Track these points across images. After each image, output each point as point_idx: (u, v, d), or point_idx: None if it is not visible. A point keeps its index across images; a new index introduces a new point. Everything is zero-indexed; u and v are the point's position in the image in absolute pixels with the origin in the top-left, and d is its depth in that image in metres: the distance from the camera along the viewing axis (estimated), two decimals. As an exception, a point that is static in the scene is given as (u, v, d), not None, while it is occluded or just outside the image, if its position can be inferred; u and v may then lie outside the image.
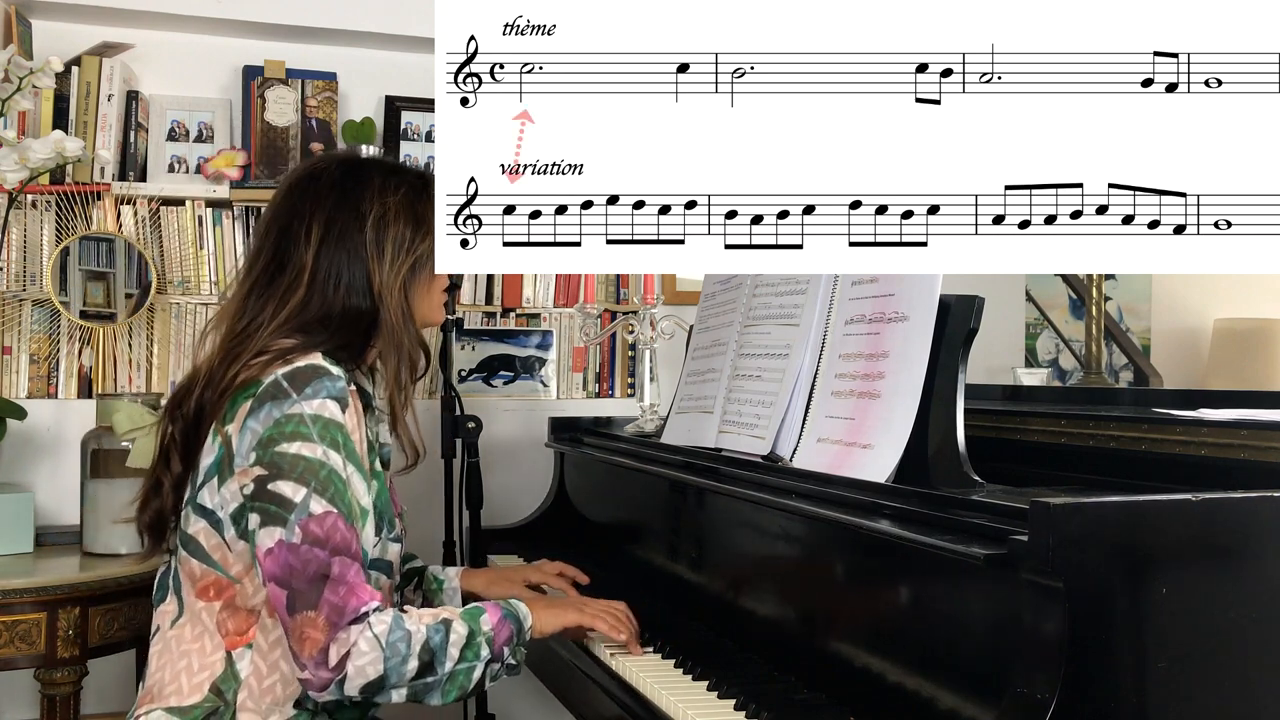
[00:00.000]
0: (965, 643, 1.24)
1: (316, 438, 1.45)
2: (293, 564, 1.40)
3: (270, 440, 1.44)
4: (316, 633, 1.38)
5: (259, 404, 1.46)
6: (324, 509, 1.42)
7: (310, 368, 1.48)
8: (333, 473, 1.44)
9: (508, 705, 2.84)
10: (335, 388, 1.49)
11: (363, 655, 1.39)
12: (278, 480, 1.42)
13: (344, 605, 1.39)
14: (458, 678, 1.47)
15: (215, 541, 1.51)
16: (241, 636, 1.51)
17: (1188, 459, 1.48)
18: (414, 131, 2.99)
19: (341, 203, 1.61)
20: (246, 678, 1.49)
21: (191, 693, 1.50)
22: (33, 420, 2.58)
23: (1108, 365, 3.73)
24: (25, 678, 2.40)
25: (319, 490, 1.42)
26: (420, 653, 1.43)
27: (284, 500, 1.42)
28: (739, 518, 1.73)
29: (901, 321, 1.53)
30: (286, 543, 1.40)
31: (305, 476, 1.43)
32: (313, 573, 1.40)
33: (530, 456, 2.94)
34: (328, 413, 1.47)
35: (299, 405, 1.45)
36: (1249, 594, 1.13)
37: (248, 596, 1.51)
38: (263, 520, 1.43)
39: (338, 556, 1.41)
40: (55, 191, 2.65)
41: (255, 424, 1.46)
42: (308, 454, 1.44)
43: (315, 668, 1.39)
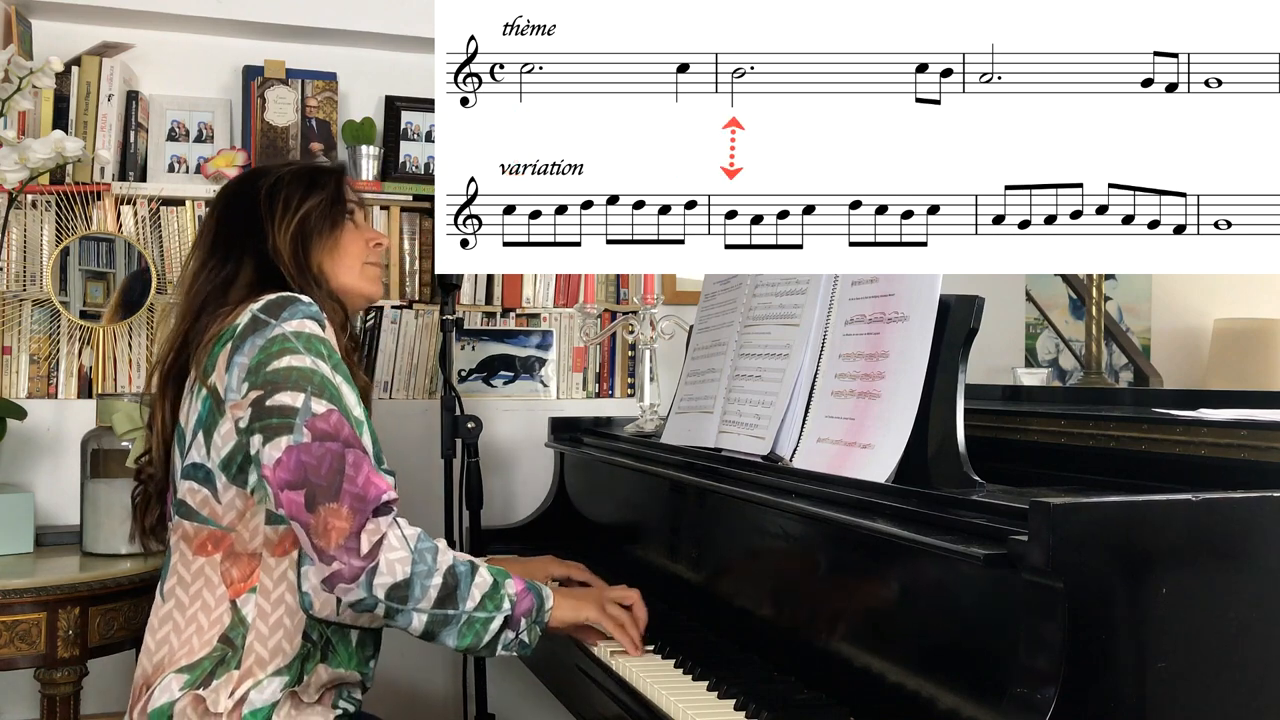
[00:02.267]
0: (965, 643, 1.24)
1: (303, 349, 1.50)
2: (306, 462, 1.42)
3: (259, 365, 1.48)
4: (341, 522, 1.40)
5: (241, 339, 1.51)
6: (326, 408, 1.46)
7: (281, 297, 1.54)
8: (325, 378, 1.49)
9: (508, 705, 2.84)
10: (310, 309, 1.55)
11: (393, 550, 1.42)
12: (275, 394, 1.46)
13: (365, 493, 1.42)
14: (475, 624, 1.49)
15: (202, 497, 1.54)
16: (245, 582, 1.53)
17: (1188, 459, 1.48)
18: (414, 131, 2.99)
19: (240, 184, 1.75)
20: (254, 620, 1.52)
21: (202, 647, 1.53)
22: (33, 420, 2.58)
23: (1108, 365, 3.74)
24: (25, 678, 2.40)
25: (316, 393, 1.46)
26: (446, 575, 1.46)
27: (285, 409, 1.45)
28: (739, 518, 1.73)
29: (901, 321, 1.53)
30: (296, 445, 1.43)
31: (300, 383, 1.47)
32: (329, 466, 1.42)
33: (530, 456, 2.94)
34: (308, 329, 1.52)
35: (279, 327, 1.51)
36: (1249, 594, 1.13)
37: (245, 541, 1.53)
38: (265, 436, 1.45)
39: (350, 449, 1.44)
40: (55, 191, 2.65)
41: (241, 358, 1.50)
42: (298, 364, 1.48)
43: (346, 555, 1.40)
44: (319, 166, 1.78)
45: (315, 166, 1.78)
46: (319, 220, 1.70)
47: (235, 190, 1.76)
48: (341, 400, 1.49)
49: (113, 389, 2.70)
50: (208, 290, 1.64)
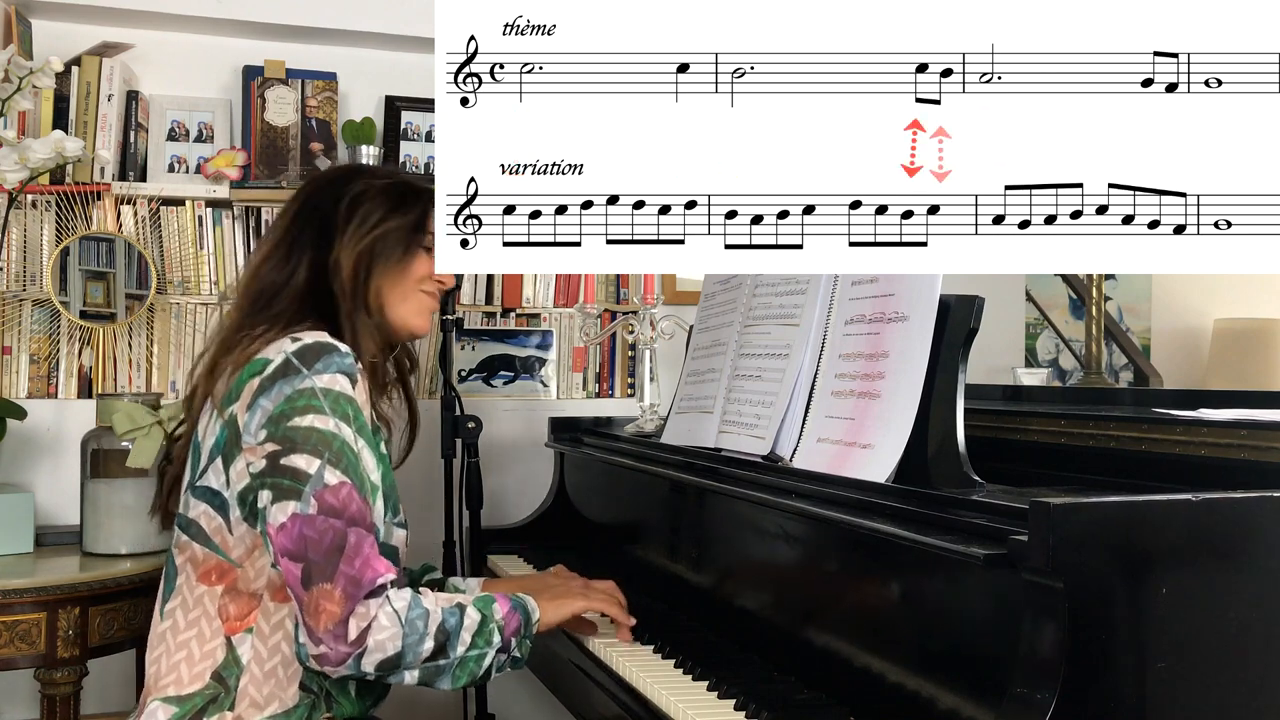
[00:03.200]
0: (965, 643, 1.24)
1: (329, 410, 1.45)
2: (308, 535, 1.39)
3: (282, 416, 1.44)
4: (333, 605, 1.37)
5: (270, 382, 1.47)
6: (338, 479, 1.42)
7: (319, 344, 1.49)
8: (345, 445, 1.45)
9: (508, 705, 2.84)
10: (345, 363, 1.50)
11: (383, 630, 1.39)
12: (291, 454, 1.42)
13: (360, 577, 1.39)
14: (468, 663, 1.47)
15: (216, 524, 1.51)
16: (242, 621, 1.50)
17: (1188, 459, 1.48)
18: (414, 131, 2.99)
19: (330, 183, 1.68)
20: (248, 663, 1.49)
21: (192, 681, 1.49)
22: (33, 420, 2.58)
23: (1108, 365, 3.74)
24: (25, 678, 2.40)
25: (333, 461, 1.43)
26: (436, 633, 1.44)
27: (298, 473, 1.42)
28: (739, 518, 1.73)
29: (901, 321, 1.53)
30: (301, 515, 1.40)
31: (319, 448, 1.43)
32: (329, 544, 1.39)
33: (530, 456, 2.94)
34: (339, 386, 1.47)
35: (309, 380, 1.46)
36: (1249, 594, 1.13)
37: (249, 580, 1.50)
38: (275, 496, 1.42)
39: (353, 527, 1.41)
40: (55, 191, 2.65)
41: (266, 401, 1.46)
42: (320, 426, 1.44)
43: (334, 641, 1.38)
44: (414, 186, 1.70)
45: (410, 184, 1.70)
46: (394, 244, 1.64)
47: (323, 185, 1.69)
48: (358, 469, 1.45)
49: (113, 389, 2.70)
50: (259, 288, 1.60)
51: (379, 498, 1.52)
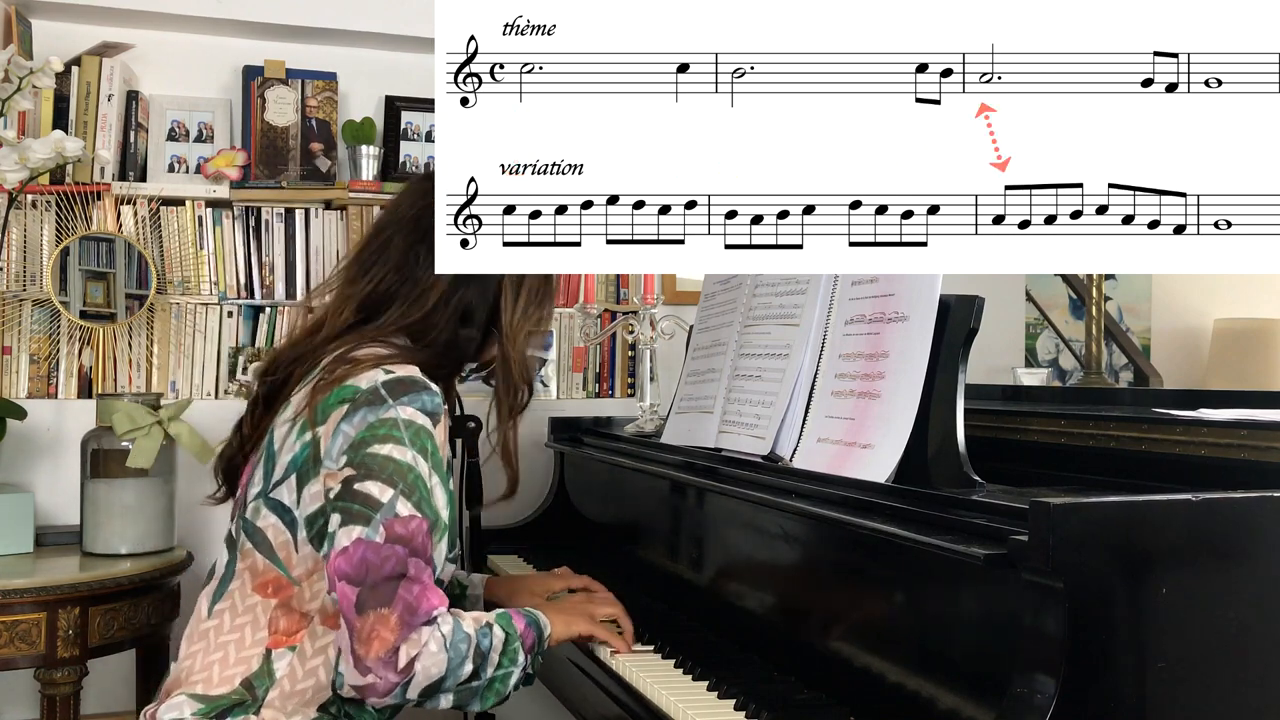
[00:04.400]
0: (965, 643, 1.24)
1: (408, 442, 1.44)
2: (370, 560, 1.38)
3: (362, 442, 1.43)
4: (388, 632, 1.36)
5: (355, 409, 1.45)
6: (410, 512, 1.41)
7: (410, 379, 1.48)
8: (419, 478, 1.43)
9: (508, 705, 2.84)
10: (432, 402, 1.49)
11: (430, 655, 1.39)
12: (366, 480, 1.41)
13: (418, 606, 1.38)
14: (495, 684, 1.48)
15: (284, 539, 1.50)
16: (289, 637, 1.50)
17: (1188, 459, 1.48)
18: (414, 131, 2.99)
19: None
20: (281, 678, 1.48)
21: (221, 684, 1.49)
22: (33, 420, 2.57)
23: (1108, 365, 3.74)
24: (25, 678, 2.40)
25: (406, 493, 1.41)
26: (474, 655, 1.44)
27: (370, 499, 1.40)
28: (739, 518, 1.73)
29: (901, 321, 1.53)
30: (367, 540, 1.38)
31: (394, 478, 1.41)
32: (390, 570, 1.38)
33: (530, 456, 2.93)
34: (420, 420, 1.46)
35: (393, 410, 1.45)
36: (1249, 594, 1.13)
37: (304, 600, 1.50)
38: (344, 519, 1.41)
39: (415, 558, 1.40)
40: (55, 191, 2.65)
41: (349, 428, 1.45)
42: (398, 456, 1.42)
43: (384, 669, 1.36)
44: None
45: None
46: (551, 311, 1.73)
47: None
48: (430, 503, 1.44)
49: (113, 389, 2.70)
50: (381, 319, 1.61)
51: (445, 538, 1.51)
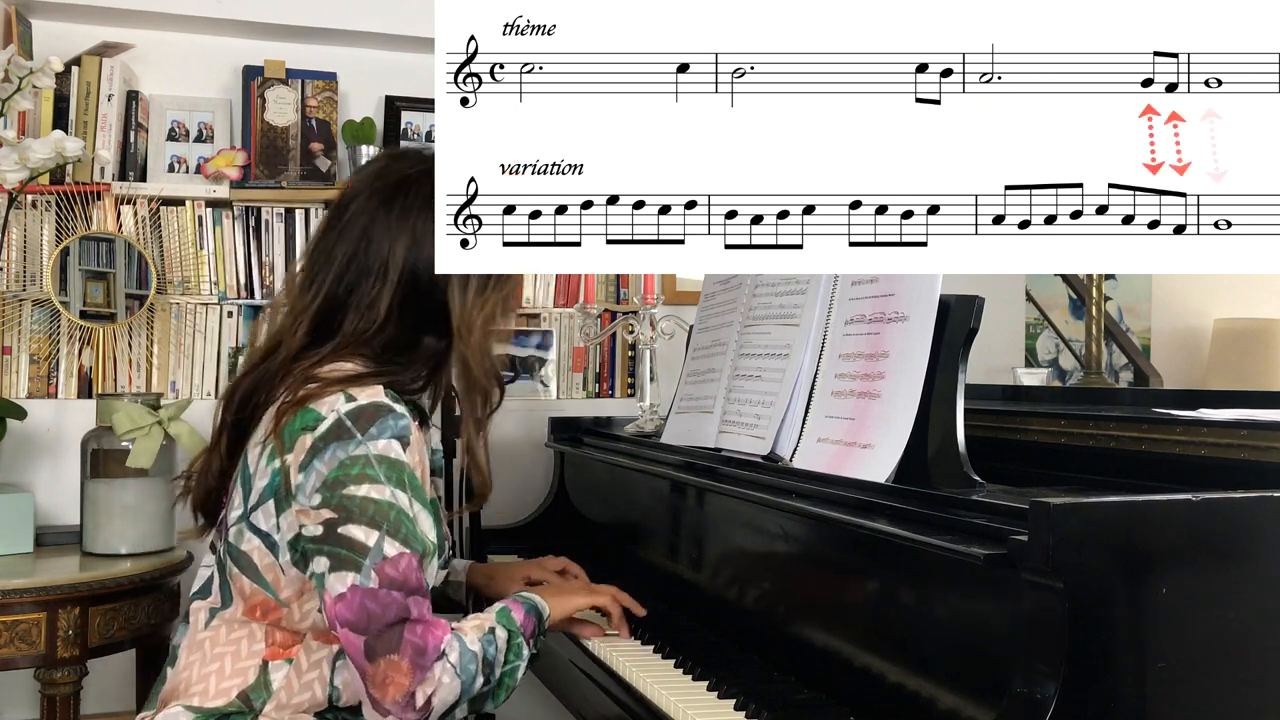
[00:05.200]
0: (965, 643, 1.24)
1: (384, 479, 1.42)
2: (370, 609, 1.37)
3: (337, 482, 1.41)
4: (401, 677, 1.36)
5: (324, 443, 1.43)
6: (398, 551, 1.39)
7: (374, 406, 1.45)
8: (402, 513, 1.42)
9: (508, 705, 2.84)
10: (399, 426, 1.46)
11: (445, 688, 1.40)
12: (348, 524, 1.40)
13: (425, 645, 1.38)
14: (505, 680, 1.49)
15: (269, 562, 1.48)
16: (285, 650, 1.50)
17: (1188, 459, 1.48)
18: (414, 131, 2.99)
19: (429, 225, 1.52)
20: (278, 690, 1.48)
21: (218, 695, 1.48)
22: (33, 420, 2.57)
23: (1108, 365, 3.74)
24: (25, 678, 2.40)
25: (391, 533, 1.40)
26: (483, 668, 1.45)
27: (356, 544, 1.39)
28: (739, 518, 1.73)
29: (901, 321, 1.53)
30: (362, 588, 1.37)
31: (377, 519, 1.40)
32: (393, 616, 1.37)
33: (530, 456, 2.94)
34: (393, 453, 1.44)
35: (364, 446, 1.42)
36: (1249, 594, 1.13)
37: (294, 621, 1.49)
38: (333, 565, 1.39)
39: (413, 597, 1.39)
40: (55, 191, 2.65)
41: (320, 465, 1.42)
42: (376, 496, 1.41)
43: (401, 710, 1.37)
44: None
45: None
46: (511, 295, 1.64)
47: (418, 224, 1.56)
48: (415, 534, 1.42)
49: (113, 389, 2.70)
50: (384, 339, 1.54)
51: (437, 555, 1.51)
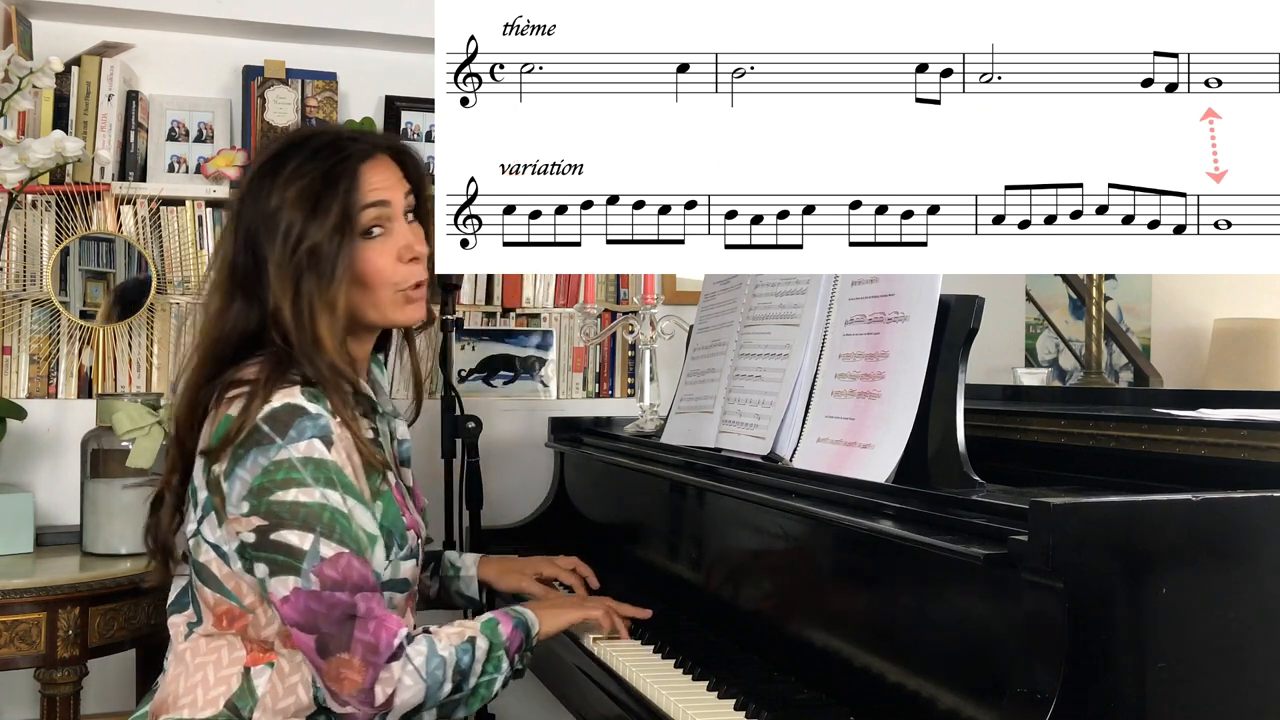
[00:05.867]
0: (965, 643, 1.24)
1: (311, 480, 1.40)
2: (315, 609, 1.38)
3: (262, 489, 1.40)
4: (354, 674, 1.37)
5: (244, 450, 1.41)
6: (335, 551, 1.39)
7: (288, 408, 1.42)
8: (335, 512, 1.41)
9: (508, 705, 2.84)
10: (317, 426, 1.43)
11: (407, 689, 1.40)
12: (280, 529, 1.39)
13: (377, 642, 1.38)
14: (480, 690, 1.49)
15: (226, 571, 1.48)
16: (265, 654, 1.49)
17: (1188, 459, 1.48)
18: (414, 131, 2.99)
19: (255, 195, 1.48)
20: (263, 696, 1.47)
21: (206, 706, 1.48)
22: (33, 420, 2.57)
23: (1108, 365, 3.73)
24: (25, 678, 2.40)
25: (326, 534, 1.39)
26: (453, 675, 1.45)
27: (292, 549, 1.39)
28: (739, 518, 1.73)
29: (901, 321, 1.53)
30: (305, 590, 1.38)
31: (309, 522, 1.39)
32: (339, 615, 1.38)
33: (530, 456, 2.94)
34: (316, 453, 1.42)
35: (285, 450, 1.40)
36: (1249, 594, 1.13)
37: (260, 627, 1.48)
38: (273, 570, 1.40)
39: (359, 594, 1.39)
40: (55, 191, 2.65)
41: (243, 472, 1.41)
42: (305, 499, 1.40)
43: (360, 704, 1.38)
44: (328, 169, 1.46)
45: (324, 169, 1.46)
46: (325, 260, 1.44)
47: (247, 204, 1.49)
48: (351, 531, 1.41)
49: (113, 389, 2.70)
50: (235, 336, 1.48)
51: (379, 546, 1.49)
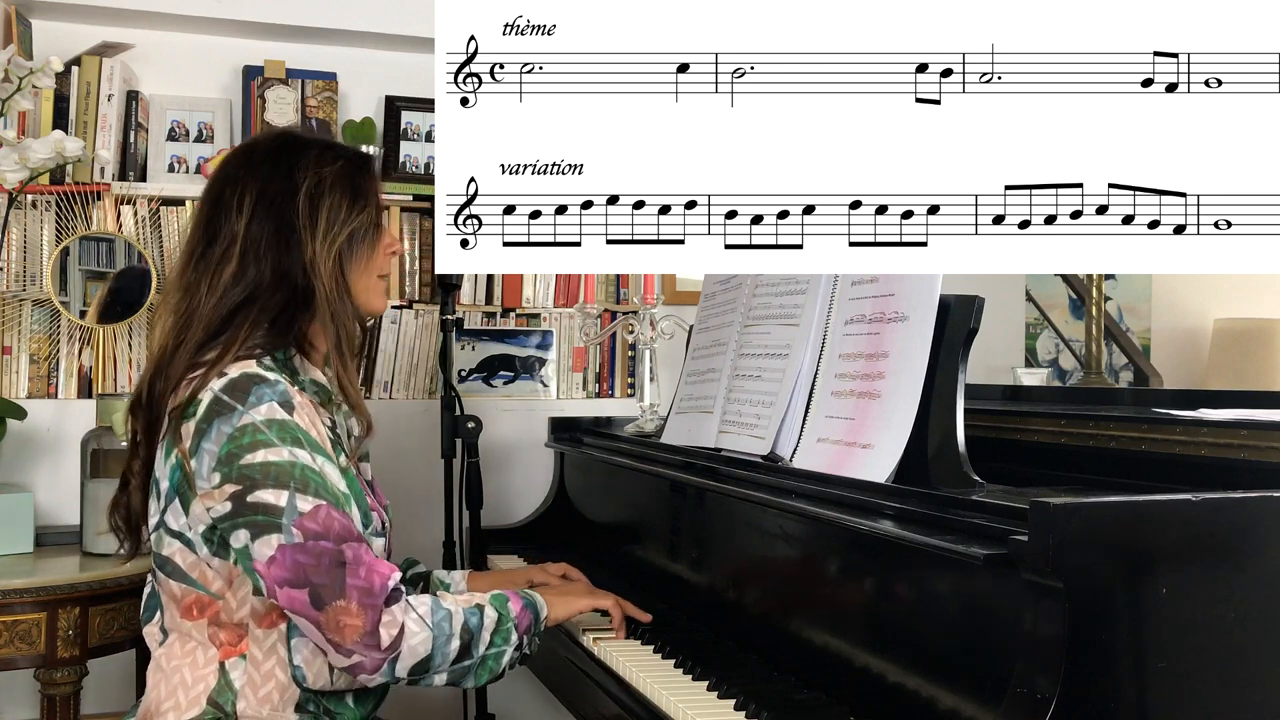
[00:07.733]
0: (965, 643, 1.24)
1: (277, 440, 1.42)
2: (304, 562, 1.39)
3: (231, 456, 1.41)
4: (353, 619, 1.38)
5: (206, 424, 1.43)
6: (312, 504, 1.41)
7: (245, 376, 1.45)
8: (305, 469, 1.42)
9: (508, 705, 2.84)
10: (276, 391, 1.45)
11: (414, 635, 1.42)
12: (255, 490, 1.40)
13: (371, 586, 1.40)
14: (488, 661, 1.50)
15: (191, 560, 1.49)
16: (235, 647, 1.50)
17: (1188, 459, 1.48)
18: (414, 131, 2.99)
19: (274, 172, 1.57)
20: (242, 688, 1.48)
21: (190, 706, 1.49)
22: (33, 420, 2.57)
23: (1108, 365, 3.73)
24: (25, 678, 2.40)
25: (300, 489, 1.41)
26: (461, 633, 1.46)
27: (270, 507, 1.40)
28: (739, 518, 1.73)
29: (901, 321, 1.53)
30: (289, 545, 1.39)
31: (281, 479, 1.40)
32: (328, 563, 1.39)
33: (530, 456, 2.94)
34: (278, 415, 1.44)
35: (247, 415, 1.42)
36: (1249, 594, 1.13)
37: (232, 611, 1.49)
38: (254, 532, 1.40)
39: (345, 543, 1.41)
40: (55, 191, 2.65)
41: (209, 445, 1.43)
42: (274, 458, 1.41)
43: (366, 649, 1.39)
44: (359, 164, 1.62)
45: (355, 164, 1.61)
46: (364, 234, 1.59)
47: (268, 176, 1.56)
48: (327, 486, 1.43)
49: (113, 389, 2.70)
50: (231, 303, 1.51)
51: (353, 507, 1.49)
